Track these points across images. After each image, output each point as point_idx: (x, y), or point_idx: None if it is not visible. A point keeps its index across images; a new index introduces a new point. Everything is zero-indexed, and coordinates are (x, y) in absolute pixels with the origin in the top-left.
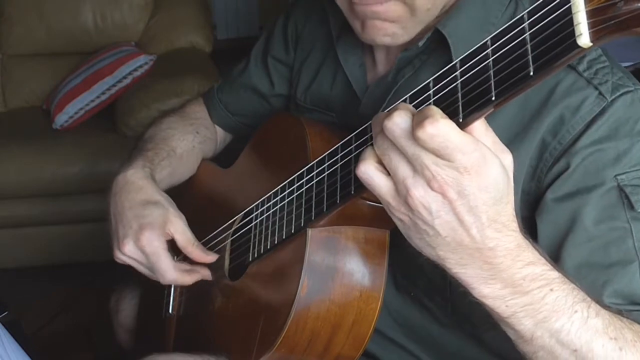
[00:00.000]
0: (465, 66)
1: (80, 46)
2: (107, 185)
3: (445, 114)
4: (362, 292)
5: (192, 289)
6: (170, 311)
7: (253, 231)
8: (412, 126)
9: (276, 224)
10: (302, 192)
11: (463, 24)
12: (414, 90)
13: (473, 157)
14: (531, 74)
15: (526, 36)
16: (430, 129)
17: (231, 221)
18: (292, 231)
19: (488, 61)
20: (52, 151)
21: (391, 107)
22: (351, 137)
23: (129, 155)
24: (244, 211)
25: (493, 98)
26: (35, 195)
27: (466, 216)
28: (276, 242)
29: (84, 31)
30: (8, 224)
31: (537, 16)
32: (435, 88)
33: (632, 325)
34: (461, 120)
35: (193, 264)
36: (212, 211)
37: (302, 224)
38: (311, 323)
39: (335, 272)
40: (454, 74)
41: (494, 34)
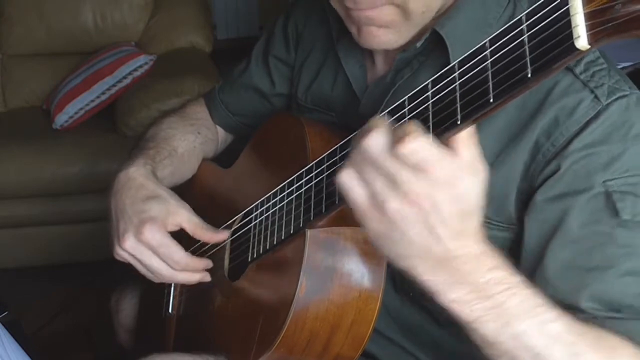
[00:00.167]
0: (463, 67)
1: (80, 46)
2: (108, 184)
3: (424, 129)
4: (361, 293)
5: (192, 289)
6: (170, 311)
7: (252, 231)
8: (391, 143)
9: (275, 224)
10: (301, 193)
11: (461, 25)
12: (413, 91)
13: (448, 172)
14: (529, 76)
15: (524, 38)
16: (410, 146)
17: (231, 221)
18: (292, 231)
19: (486, 63)
20: (52, 151)
21: (366, 124)
22: (351, 138)
23: (130, 154)
24: (244, 211)
25: (491, 100)
26: (35, 195)
27: (438, 227)
28: (275, 243)
29: (84, 31)
30: (8, 224)
31: (535, 18)
32: (434, 89)
33: (596, 331)
34: (459, 122)
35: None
36: (212, 211)
37: (301, 225)
38: (310, 323)
39: (334, 273)
40: (453, 75)
41: (493, 36)
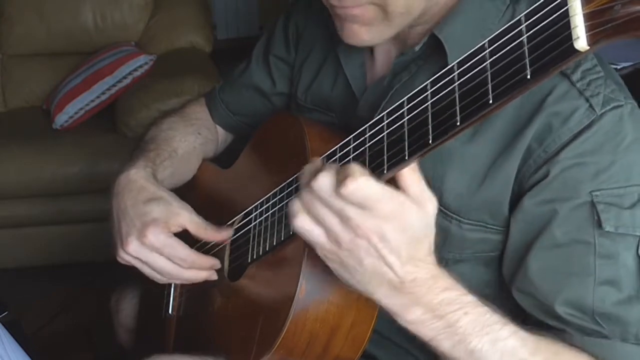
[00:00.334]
0: (462, 68)
1: (80, 46)
2: (108, 185)
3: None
4: (361, 294)
5: (192, 290)
6: (170, 311)
7: (252, 232)
8: (336, 183)
9: (275, 225)
10: None
11: (459, 29)
12: (412, 92)
13: (391, 206)
14: (528, 77)
15: (523, 39)
16: (350, 186)
17: (231, 222)
18: (291, 232)
19: (486, 64)
20: (52, 151)
21: (307, 166)
22: (349, 139)
23: (131, 156)
24: (244, 212)
25: (491, 101)
26: (35, 195)
27: (389, 256)
28: (275, 243)
29: (84, 31)
30: (8, 224)
31: (534, 19)
32: (432, 90)
33: (553, 346)
34: (459, 123)
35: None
36: (212, 212)
37: None
38: (310, 325)
39: (334, 274)
40: (452, 76)
41: (492, 37)
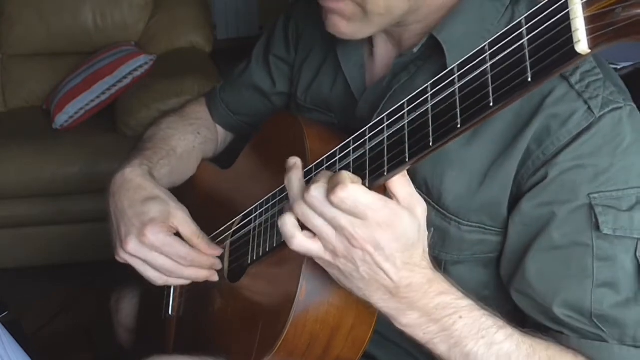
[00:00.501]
0: (463, 70)
1: (80, 46)
2: (105, 185)
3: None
4: None
5: (192, 290)
6: (170, 312)
7: (252, 233)
8: (327, 191)
9: (275, 227)
10: None
11: (458, 31)
12: (412, 94)
13: (383, 214)
14: (529, 80)
15: (524, 42)
16: (340, 194)
17: (230, 222)
18: None
19: (486, 66)
20: (52, 151)
21: (312, 178)
22: (349, 141)
23: (128, 155)
24: (243, 213)
25: (491, 104)
26: (35, 195)
27: (384, 263)
28: (275, 245)
29: (84, 31)
30: (8, 224)
31: (535, 22)
32: (433, 92)
33: (549, 349)
34: (459, 125)
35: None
36: (212, 212)
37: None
38: (310, 326)
39: None
40: (452, 78)
41: (492, 39)
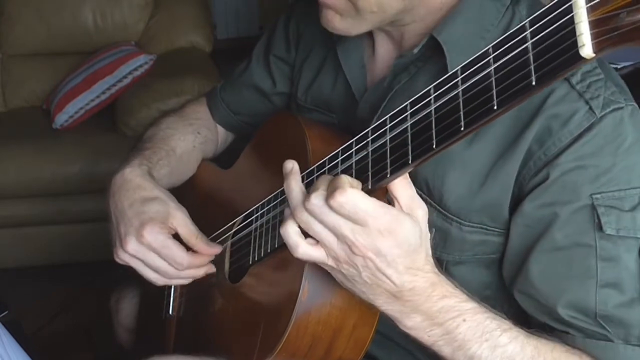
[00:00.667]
0: (466, 73)
1: (80, 46)
2: (106, 185)
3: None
4: None
5: (192, 291)
6: (170, 312)
7: (253, 234)
8: (326, 196)
9: (276, 227)
10: None
11: (458, 31)
12: (415, 97)
13: (384, 221)
14: (533, 84)
15: (528, 45)
16: (339, 198)
17: (231, 223)
18: None
19: (489, 69)
20: (52, 151)
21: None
22: (351, 142)
23: (127, 155)
24: (244, 213)
25: (495, 107)
26: (35, 195)
27: (386, 269)
28: (276, 246)
29: (84, 31)
30: (8, 224)
31: (539, 25)
32: (436, 94)
33: (554, 351)
34: (463, 128)
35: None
36: (212, 213)
37: None
38: (312, 327)
39: None
40: (455, 81)
41: (496, 42)
